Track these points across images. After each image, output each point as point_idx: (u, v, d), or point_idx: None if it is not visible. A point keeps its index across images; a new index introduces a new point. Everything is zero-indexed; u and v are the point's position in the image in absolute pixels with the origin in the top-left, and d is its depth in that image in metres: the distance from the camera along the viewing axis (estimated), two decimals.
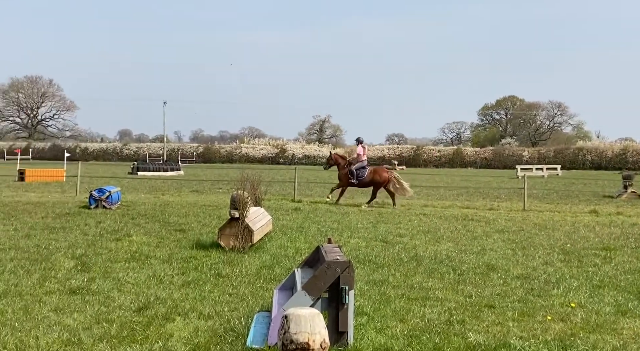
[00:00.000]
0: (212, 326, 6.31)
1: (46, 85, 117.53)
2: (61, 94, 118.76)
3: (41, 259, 9.72)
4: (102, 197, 17.60)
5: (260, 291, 8.03)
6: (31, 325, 6.16)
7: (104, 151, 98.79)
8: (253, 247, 11.09)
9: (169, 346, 5.59)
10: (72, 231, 12.94)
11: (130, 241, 11.77)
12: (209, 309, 6.97)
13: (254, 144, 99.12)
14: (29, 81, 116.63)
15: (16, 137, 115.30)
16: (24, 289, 7.69)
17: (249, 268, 9.52)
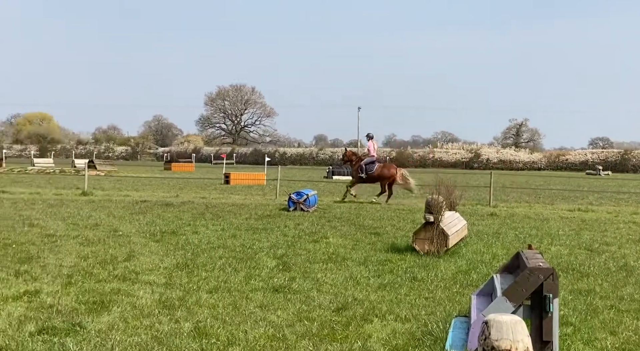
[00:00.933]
0: (410, 329, 6.33)
1: (249, 92, 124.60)
2: (262, 101, 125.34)
3: (246, 258, 10.28)
4: (300, 200, 18.30)
5: (456, 296, 7.93)
6: (240, 320, 6.54)
7: (301, 155, 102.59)
8: (448, 252, 10.98)
9: (368, 347, 5.69)
10: (273, 232, 13.57)
11: (327, 243, 12.12)
12: (405, 312, 7.00)
13: (447, 148, 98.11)
14: (234, 89, 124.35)
15: (222, 142, 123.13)
16: (232, 286, 8.17)
17: (445, 272, 9.43)
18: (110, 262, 9.57)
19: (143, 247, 11.13)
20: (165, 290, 7.83)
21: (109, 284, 8.10)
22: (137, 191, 26.59)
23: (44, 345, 5.53)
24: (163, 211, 17.65)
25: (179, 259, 9.96)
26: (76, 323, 6.20)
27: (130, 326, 6.21)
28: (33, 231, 12.72)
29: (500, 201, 23.72)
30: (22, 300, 7.14)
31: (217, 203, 20.78)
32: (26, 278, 8.30)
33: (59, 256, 9.98)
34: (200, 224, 14.63)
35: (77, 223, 14.25)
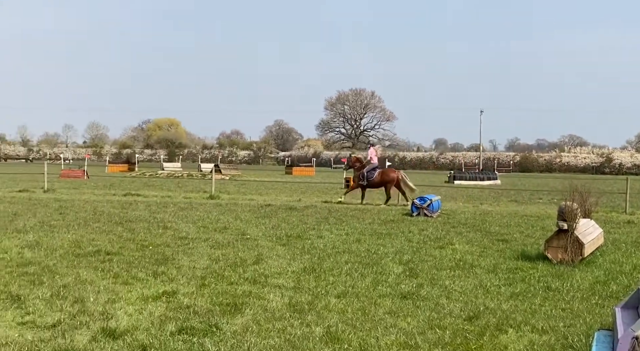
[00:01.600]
0: (548, 341, 6.09)
1: (368, 97, 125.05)
2: (382, 105, 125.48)
3: (372, 263, 10.27)
4: (423, 205, 18.12)
5: (596, 307, 7.56)
6: (370, 326, 6.52)
7: (421, 159, 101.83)
8: (583, 261, 10.51)
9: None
10: (397, 238, 13.50)
11: (453, 250, 11.92)
12: (542, 323, 6.74)
13: (575, 152, 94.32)
14: (353, 93, 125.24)
15: (341, 146, 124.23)
16: (360, 291, 8.18)
17: (581, 282, 9.02)
18: (240, 265, 9.82)
19: (270, 250, 11.36)
20: (295, 294, 7.94)
21: (240, 286, 8.30)
22: (260, 194, 27.24)
23: (184, 344, 5.73)
24: (287, 215, 17.96)
25: (305, 263, 10.08)
26: (213, 324, 6.39)
27: (263, 328, 6.33)
28: (167, 233, 13.27)
29: (637, 208, 22.51)
30: (161, 299, 7.44)
31: (339, 207, 20.93)
32: (163, 278, 8.66)
33: (192, 258, 10.35)
34: (324, 228, 14.77)
35: (207, 226, 14.75)
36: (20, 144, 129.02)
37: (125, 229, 13.73)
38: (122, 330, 6.10)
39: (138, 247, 11.29)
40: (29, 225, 13.86)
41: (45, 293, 7.54)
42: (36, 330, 6.12)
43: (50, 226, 13.89)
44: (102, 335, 5.93)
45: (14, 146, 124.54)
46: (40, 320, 6.44)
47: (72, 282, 8.20)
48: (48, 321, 6.42)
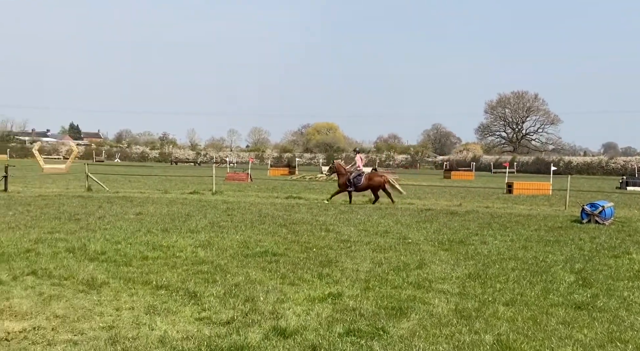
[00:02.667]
0: None
1: (531, 99, 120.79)
2: (545, 108, 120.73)
3: (541, 271, 9.87)
4: (594, 212, 17.18)
5: None
6: (543, 336, 6.26)
7: (588, 164, 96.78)
8: None
9: None
10: (566, 245, 12.88)
11: (631, 259, 11.19)
12: None
13: None
14: (515, 96, 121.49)
15: (501, 151, 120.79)
16: (529, 300, 7.88)
17: None
18: (404, 269, 9.78)
19: (433, 255, 11.22)
20: (460, 300, 7.79)
21: (404, 290, 8.27)
22: (419, 199, 27.02)
23: (352, 346, 5.78)
24: (448, 219, 17.70)
25: (470, 269, 9.87)
26: (379, 327, 6.40)
27: (430, 334, 6.26)
28: (329, 236, 13.50)
29: None
30: (327, 301, 7.57)
31: (502, 213, 20.32)
32: (328, 280, 8.80)
33: (355, 261, 10.44)
34: (487, 234, 14.40)
35: (368, 229, 14.84)
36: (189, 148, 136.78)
37: (290, 231, 14.12)
38: (292, 329, 6.26)
39: (302, 249, 11.57)
40: (201, 225, 14.61)
41: (218, 291, 7.90)
42: (212, 326, 6.42)
43: (219, 226, 14.56)
44: (273, 334, 6.11)
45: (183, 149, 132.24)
46: (216, 317, 6.75)
47: (242, 281, 8.54)
48: (222, 318, 6.71)
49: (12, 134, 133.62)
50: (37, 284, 8.07)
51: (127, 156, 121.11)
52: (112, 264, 9.51)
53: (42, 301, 7.23)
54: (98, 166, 60.38)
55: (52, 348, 5.57)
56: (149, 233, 13.06)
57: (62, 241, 11.44)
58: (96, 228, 13.49)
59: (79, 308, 6.97)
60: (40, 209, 17.27)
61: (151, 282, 8.27)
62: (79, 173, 40.27)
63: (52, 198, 21.52)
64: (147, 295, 7.66)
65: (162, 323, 6.46)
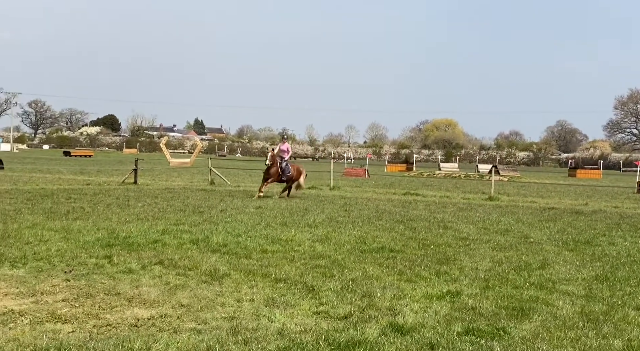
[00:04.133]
0: None
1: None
2: None
3: None
4: None
5: None
6: None
7: None
8: None
9: None
10: None
11: None
12: None
13: None
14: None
15: (632, 148, 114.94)
16: None
17: None
18: (525, 269, 9.49)
19: (557, 255, 10.82)
20: (587, 302, 7.46)
21: (526, 291, 8.01)
22: (542, 197, 26.15)
23: (471, 346, 5.66)
24: (573, 219, 17.01)
25: (597, 271, 9.44)
26: (500, 327, 6.23)
27: (554, 336, 6.03)
28: (447, 233, 13.29)
29: None
30: (445, 299, 7.45)
31: (632, 213, 19.33)
32: (446, 278, 8.66)
33: (474, 259, 10.23)
34: (616, 234, 13.73)
35: (487, 228, 14.50)
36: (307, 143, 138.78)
37: (407, 227, 14.02)
38: (409, 326, 6.20)
39: (420, 246, 11.45)
40: (318, 220, 14.77)
41: (336, 285, 7.95)
42: (330, 320, 6.46)
43: (337, 221, 14.67)
44: (390, 330, 6.08)
45: (302, 145, 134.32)
46: (333, 311, 6.79)
47: (359, 277, 8.55)
48: (340, 312, 6.74)
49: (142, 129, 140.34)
50: (163, 273, 8.42)
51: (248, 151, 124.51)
52: (233, 256, 9.78)
53: (168, 290, 7.54)
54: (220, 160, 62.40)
55: (178, 335, 5.79)
56: (268, 226, 13.35)
57: (186, 233, 11.90)
58: (218, 221, 13.93)
59: (202, 298, 7.21)
60: (166, 202, 18.04)
61: (270, 275, 8.44)
62: (202, 167, 41.81)
63: (177, 191, 22.45)
64: (267, 287, 7.82)
65: (281, 315, 6.57)
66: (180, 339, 5.66)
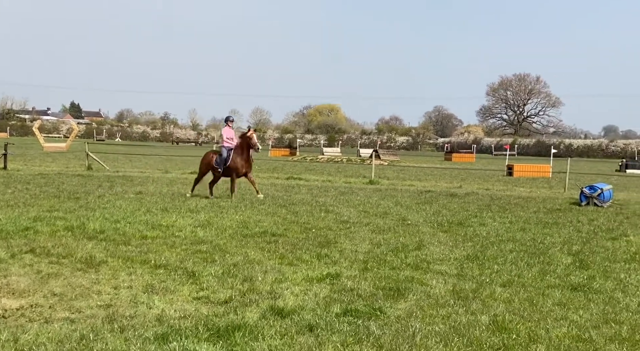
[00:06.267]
0: None
1: (533, 82, 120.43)
2: (547, 91, 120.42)
3: (538, 253, 9.89)
4: (593, 194, 17.19)
5: None
6: (539, 317, 6.29)
7: (588, 147, 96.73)
8: None
9: None
10: (565, 227, 12.91)
11: (628, 241, 11.23)
12: None
13: None
14: (517, 78, 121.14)
15: (502, 133, 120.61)
16: (526, 281, 7.91)
17: None
18: (402, 250, 9.80)
19: (432, 237, 11.25)
20: (458, 281, 7.82)
21: (402, 271, 8.29)
22: (420, 180, 27.05)
23: (349, 326, 5.80)
24: (448, 201, 17.72)
25: (468, 251, 9.89)
26: (377, 307, 6.42)
27: (427, 314, 6.28)
28: (329, 216, 13.51)
29: None
30: (325, 281, 7.59)
31: (501, 195, 20.35)
32: (327, 261, 8.82)
33: (354, 242, 10.47)
34: (486, 216, 14.42)
35: (367, 211, 14.85)
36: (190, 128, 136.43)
37: (289, 211, 14.14)
38: (289, 309, 6.28)
39: (302, 229, 11.59)
40: (201, 205, 14.63)
41: (217, 270, 7.92)
42: (210, 305, 6.44)
43: (219, 206, 14.58)
44: (271, 313, 6.14)
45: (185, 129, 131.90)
46: (214, 296, 6.77)
47: (241, 261, 8.56)
48: (220, 297, 6.74)
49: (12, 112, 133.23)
50: (35, 262, 8.09)
51: (128, 136, 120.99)
52: (110, 243, 9.53)
53: (40, 279, 7.26)
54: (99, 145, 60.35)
55: (49, 325, 5.59)
56: (148, 212, 13.08)
57: (61, 220, 11.46)
58: (95, 207, 13.51)
59: (76, 286, 6.99)
60: (39, 188, 17.29)
61: (150, 261, 8.29)
62: (79, 152, 40.27)
63: (51, 177, 21.54)
64: (146, 273, 7.69)
65: (160, 301, 6.49)
66: (52, 329, 5.48)
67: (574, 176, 29.48)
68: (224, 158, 17.21)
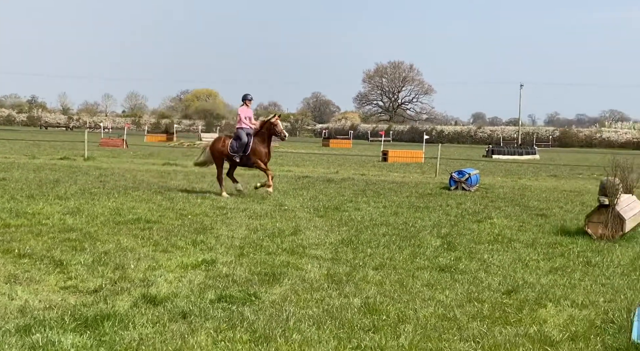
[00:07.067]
0: (588, 316, 6.01)
1: (407, 70, 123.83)
2: (420, 78, 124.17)
3: (410, 236, 10.23)
4: (462, 179, 17.97)
5: (637, 283, 7.47)
6: (408, 298, 6.51)
7: (459, 133, 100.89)
8: (624, 236, 10.35)
9: (545, 332, 5.46)
10: (435, 211, 13.42)
11: (492, 224, 11.81)
12: (582, 298, 6.66)
13: (615, 128, 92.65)
14: (392, 66, 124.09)
15: (378, 120, 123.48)
16: (398, 264, 8.16)
17: (621, 258, 8.90)
18: (279, 235, 9.86)
19: (308, 222, 11.38)
20: (332, 265, 7.95)
21: (278, 257, 8.34)
22: (297, 166, 27.28)
23: (223, 312, 5.78)
24: (325, 186, 17.98)
25: (343, 235, 10.09)
26: (251, 293, 6.43)
27: (301, 298, 6.36)
28: (205, 203, 13.37)
29: None
30: (200, 268, 7.52)
31: (376, 180, 20.88)
32: (202, 247, 8.74)
33: (230, 227, 10.42)
34: (361, 200, 14.75)
35: (245, 197, 14.81)
36: (60, 112, 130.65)
37: (165, 198, 13.88)
38: (162, 296, 6.18)
39: (177, 216, 11.41)
40: (70, 192, 14.09)
41: (87, 259, 7.66)
42: (78, 295, 6.23)
43: (91, 193, 14.10)
44: (143, 301, 6.01)
45: (54, 113, 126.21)
46: (82, 285, 6.55)
47: (113, 249, 8.33)
48: (90, 286, 6.53)
49: None
50: None
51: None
52: None
53: None
54: None
55: None
56: (12, 199, 12.45)
57: None
58: None
59: None
60: None
61: (13, 250, 7.90)
62: None
63: None
64: (8, 263, 7.31)
65: (24, 292, 6.20)
66: None
67: (445, 161, 30.68)
68: (243, 143, 14.78)
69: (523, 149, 52.65)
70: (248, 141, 14.80)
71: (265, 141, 15.03)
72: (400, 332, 5.37)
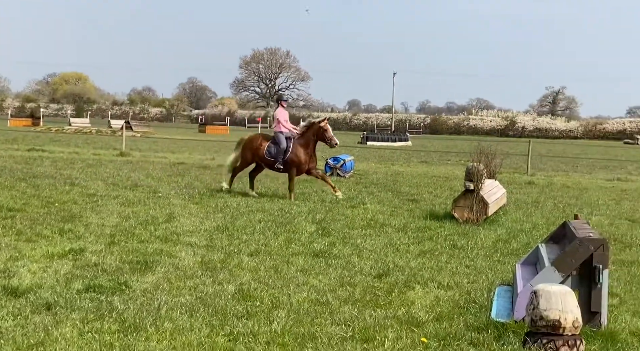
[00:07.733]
0: (453, 297, 6.30)
1: (284, 56, 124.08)
2: (297, 65, 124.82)
3: (285, 222, 10.29)
4: (337, 165, 18.28)
5: (497, 264, 7.88)
6: (282, 284, 6.56)
7: (335, 120, 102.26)
8: (488, 220, 10.89)
9: (412, 314, 5.66)
10: (310, 197, 13.58)
11: (365, 209, 12.10)
12: (447, 279, 6.96)
13: (482, 115, 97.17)
14: (268, 52, 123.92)
15: (256, 106, 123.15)
16: (273, 250, 8.20)
17: (485, 240, 9.37)
18: (152, 223, 9.65)
19: (183, 209, 11.21)
20: (207, 252, 7.88)
21: (151, 244, 8.17)
22: (173, 153, 26.80)
23: (91, 302, 5.60)
24: (200, 173, 17.77)
25: (218, 222, 10.01)
26: (122, 282, 6.26)
27: (174, 286, 6.27)
28: (74, 190, 12.88)
29: (538, 170, 23.46)
30: (67, 258, 7.24)
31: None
32: (70, 236, 8.41)
33: (101, 215, 10.09)
34: (238, 187, 14.67)
35: (117, 183, 14.40)
36: None
37: (29, 185, 13.24)
38: (24, 287, 5.89)
39: (43, 204, 10.92)
40: None
41: None
42: None
43: None
44: (3, 293, 5.72)
45: None
46: None
47: None
48: None
49: None
50: None
51: None
52: None
53: None
54: None
55: None
56: None
57: None
58: None
59: None
60: None
61: None
62: None
63: None
64: None
65: None
66: None
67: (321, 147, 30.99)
68: (283, 148, 13.54)
69: (396, 136, 54.29)
70: (287, 147, 13.66)
71: (309, 146, 13.82)
72: (274, 318, 5.40)
